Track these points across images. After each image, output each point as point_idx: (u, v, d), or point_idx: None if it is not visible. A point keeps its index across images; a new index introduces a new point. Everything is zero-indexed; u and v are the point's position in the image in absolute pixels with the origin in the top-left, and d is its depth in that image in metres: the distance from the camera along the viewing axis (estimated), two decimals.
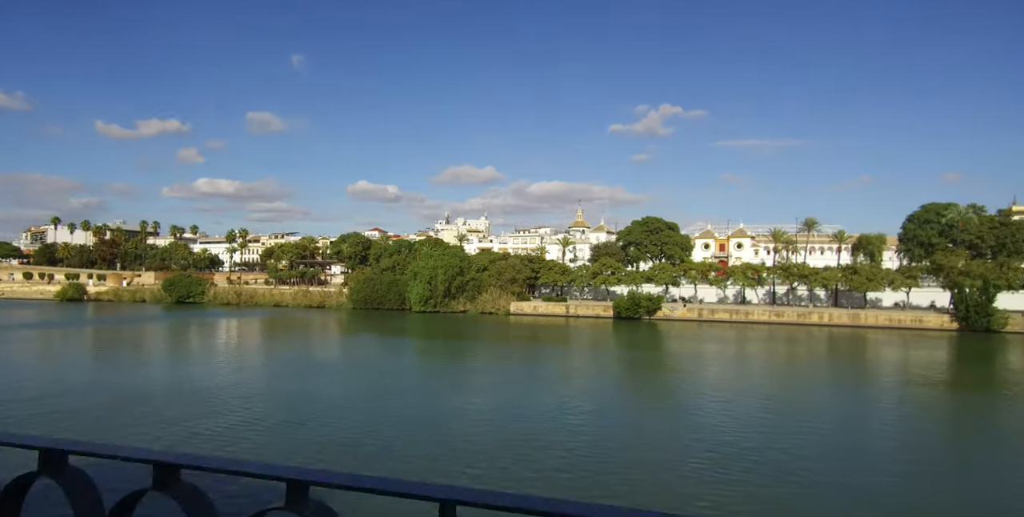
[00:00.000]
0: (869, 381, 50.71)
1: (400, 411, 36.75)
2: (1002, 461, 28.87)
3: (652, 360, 61.98)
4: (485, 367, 57.00)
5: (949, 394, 45.97)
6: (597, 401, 40.55)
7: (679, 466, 26.78)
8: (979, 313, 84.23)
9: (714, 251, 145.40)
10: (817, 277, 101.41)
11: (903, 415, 39.03)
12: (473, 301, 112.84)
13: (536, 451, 28.87)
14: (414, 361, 62.79)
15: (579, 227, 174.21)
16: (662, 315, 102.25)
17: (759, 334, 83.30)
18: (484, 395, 42.28)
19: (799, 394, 44.82)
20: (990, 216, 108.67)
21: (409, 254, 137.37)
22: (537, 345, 73.61)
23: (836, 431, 33.46)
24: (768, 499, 23.37)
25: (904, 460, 28.98)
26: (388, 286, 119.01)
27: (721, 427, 33.48)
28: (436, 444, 30.11)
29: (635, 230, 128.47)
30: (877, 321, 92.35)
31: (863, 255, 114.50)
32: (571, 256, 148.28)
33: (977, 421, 37.24)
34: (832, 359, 64.50)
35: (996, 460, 28.99)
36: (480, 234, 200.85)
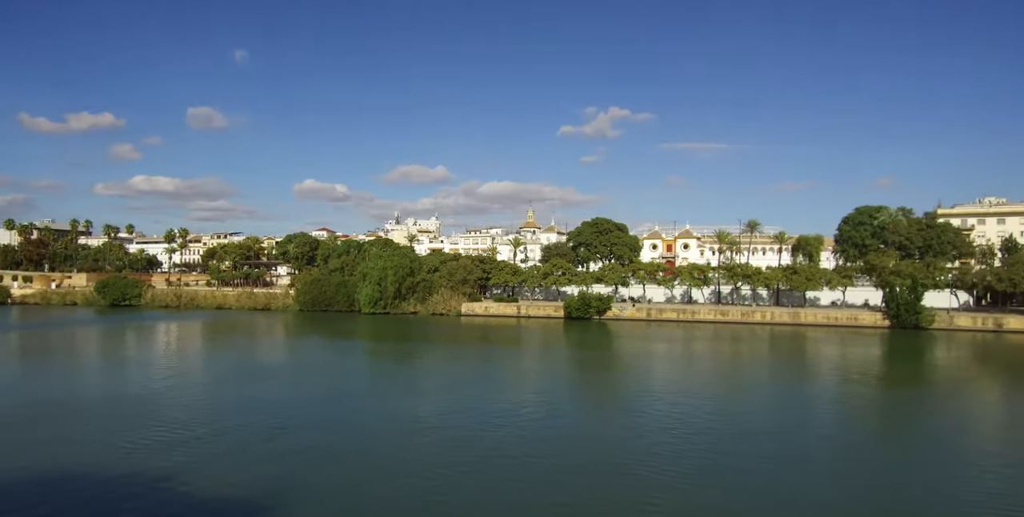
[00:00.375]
0: (809, 379, 52.57)
1: (349, 416, 35.96)
2: (930, 455, 30.30)
3: (602, 360, 62.66)
4: (436, 369, 56.46)
5: (883, 391, 48.08)
6: (548, 403, 40.67)
7: (627, 469, 27.04)
8: (908, 311, 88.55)
9: (661, 252, 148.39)
10: (760, 277, 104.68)
11: (840, 412, 40.54)
12: (424, 302, 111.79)
13: (486, 454, 28.69)
14: (363, 364, 61.68)
15: (530, 228, 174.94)
16: (612, 315, 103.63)
17: (705, 333, 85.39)
18: (435, 398, 41.85)
19: (743, 393, 46.06)
20: (918, 219, 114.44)
21: (358, 255, 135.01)
22: (488, 346, 73.43)
23: (777, 431, 34.45)
24: (711, 500, 23.85)
25: (841, 458, 30.09)
26: (337, 287, 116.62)
27: (668, 429, 34.02)
28: (385, 450, 29.56)
29: (585, 231, 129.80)
30: (816, 319, 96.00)
31: (802, 255, 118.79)
32: (522, 257, 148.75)
33: (908, 417, 39.05)
34: (774, 357, 66.61)
35: (925, 455, 30.41)
36: (431, 234, 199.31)
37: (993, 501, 23.53)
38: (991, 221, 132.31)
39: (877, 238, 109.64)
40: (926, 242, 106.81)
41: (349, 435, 32.09)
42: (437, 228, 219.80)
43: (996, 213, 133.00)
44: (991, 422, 37.58)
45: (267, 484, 24.79)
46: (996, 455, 29.93)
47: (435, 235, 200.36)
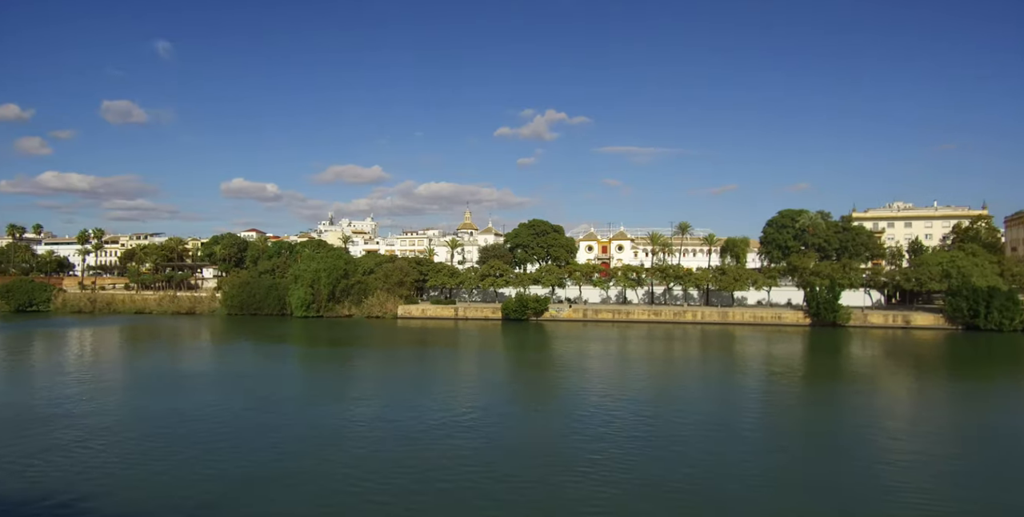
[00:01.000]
0: (737, 377, 54.54)
1: (278, 424, 34.62)
2: (848, 447, 31.89)
3: (539, 362, 62.99)
4: (371, 373, 55.29)
5: (804, 387, 50.38)
6: (485, 404, 40.47)
7: (562, 470, 27.14)
8: (827, 309, 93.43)
9: (597, 253, 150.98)
10: (691, 278, 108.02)
11: (765, 408, 42.18)
12: (359, 305, 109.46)
13: (421, 459, 28.18)
14: (295, 369, 59.68)
15: (467, 229, 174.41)
16: (549, 316, 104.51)
17: (639, 333, 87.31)
18: (369, 402, 40.89)
19: (676, 392, 47.28)
20: (835, 222, 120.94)
21: (290, 256, 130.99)
22: (425, 349, 72.54)
23: (707, 430, 35.46)
24: (646, 498, 24.25)
25: (763, 451, 31.26)
26: (267, 290, 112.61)
27: (604, 430, 34.47)
28: (316, 457, 28.57)
29: (522, 232, 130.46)
30: (743, 318, 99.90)
31: (730, 257, 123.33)
32: (460, 258, 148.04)
33: (827, 412, 41.04)
34: (705, 356, 68.78)
35: (842, 446, 31.99)
36: (366, 236, 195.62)
37: (900, 488, 24.94)
38: (899, 224, 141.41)
39: (798, 240, 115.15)
40: (842, 244, 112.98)
41: (279, 443, 30.86)
42: (372, 229, 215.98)
43: (904, 217, 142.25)
44: (901, 416, 39.93)
45: (183, 505, 23.44)
46: (905, 447, 31.80)
47: (370, 236, 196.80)
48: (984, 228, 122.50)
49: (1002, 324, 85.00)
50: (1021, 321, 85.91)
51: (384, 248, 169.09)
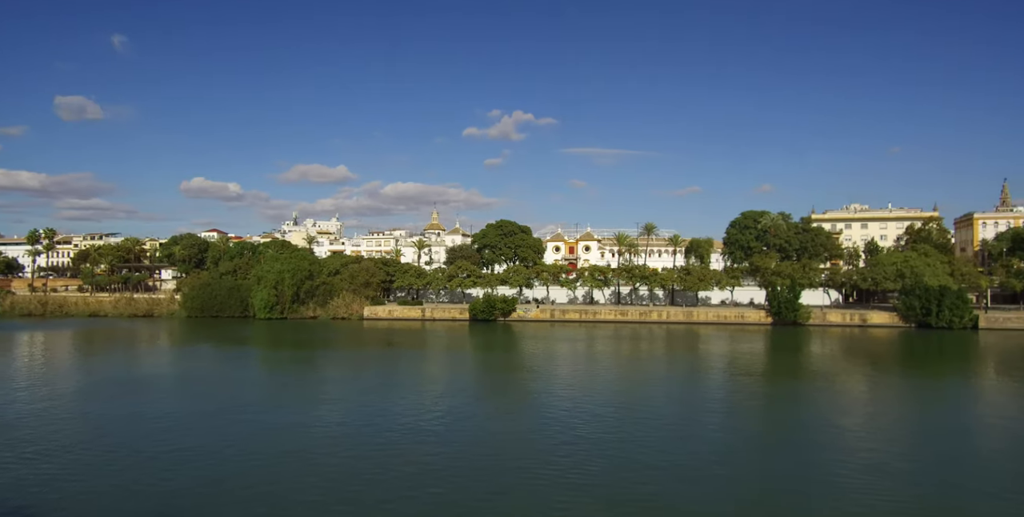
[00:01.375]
0: (701, 376, 55.41)
1: (240, 429, 33.82)
2: (807, 444, 32.64)
3: (507, 362, 62.96)
4: (336, 376, 54.48)
5: (766, 384, 51.41)
6: (453, 406, 40.23)
7: (531, 471, 27.13)
8: (788, 309, 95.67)
9: (564, 254, 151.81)
10: (656, 278, 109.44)
11: (729, 405, 42.89)
12: (324, 306, 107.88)
13: (388, 463, 27.83)
14: (258, 373, 58.44)
15: (435, 229, 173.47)
16: (517, 316, 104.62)
17: (606, 333, 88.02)
18: (334, 406, 40.26)
19: (641, 392, 47.75)
20: (795, 223, 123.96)
21: (253, 257, 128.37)
22: (392, 350, 71.86)
23: (672, 429, 35.89)
24: (612, 497, 24.41)
25: (729, 448, 31.79)
26: (229, 292, 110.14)
27: (571, 430, 34.60)
28: (278, 464, 27.96)
29: (490, 233, 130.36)
30: (707, 317, 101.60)
31: (695, 257, 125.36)
32: (427, 259, 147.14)
33: (788, 409, 41.97)
34: (670, 355, 69.69)
35: (802, 443, 32.73)
36: (331, 236, 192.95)
37: (861, 481, 25.63)
38: (856, 226, 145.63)
39: (760, 241, 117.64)
40: (802, 245, 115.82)
41: (240, 450, 30.14)
42: (338, 229, 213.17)
43: (860, 218, 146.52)
44: (858, 413, 41.04)
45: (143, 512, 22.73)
46: (863, 441, 32.70)
47: (336, 237, 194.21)
48: (935, 229, 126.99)
49: (952, 322, 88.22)
50: (970, 319, 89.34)
51: (350, 249, 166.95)
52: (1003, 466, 28.36)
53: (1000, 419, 37.96)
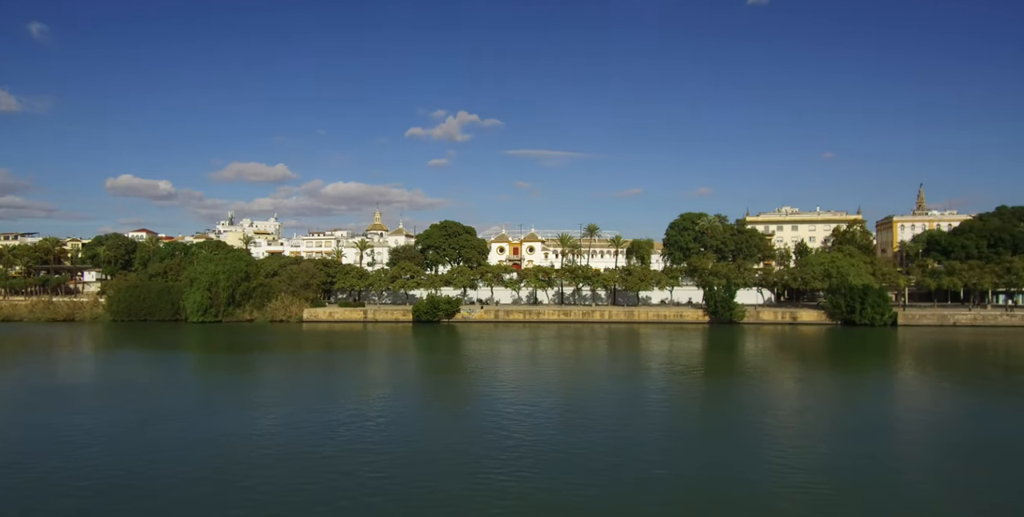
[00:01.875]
0: (642, 373, 56.56)
1: (170, 437, 32.31)
2: (742, 438, 33.78)
3: (451, 363, 62.58)
4: (273, 380, 52.83)
5: (703, 381, 52.97)
6: (394, 409, 39.67)
7: (472, 476, 27.00)
8: (724, 308, 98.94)
9: (508, 254, 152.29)
10: (599, 278, 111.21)
11: (668, 403, 43.91)
12: (261, 309, 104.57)
13: (326, 470, 27.17)
14: (190, 378, 56.04)
15: (377, 230, 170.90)
16: (461, 317, 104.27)
17: (549, 333, 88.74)
18: (271, 410, 38.98)
19: (583, 391, 48.29)
20: (731, 225, 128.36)
21: (185, 258, 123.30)
22: (333, 353, 70.29)
23: (614, 424, 36.45)
24: (555, 496, 24.58)
25: (668, 445, 32.55)
26: (158, 294, 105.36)
27: (512, 430, 34.66)
28: (211, 472, 26.88)
29: (434, 234, 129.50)
30: (648, 317, 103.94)
31: (636, 258, 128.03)
32: (369, 260, 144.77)
33: (724, 404, 43.33)
34: (612, 354, 70.81)
35: (737, 438, 33.85)
36: (269, 236, 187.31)
37: (790, 472, 26.69)
38: (787, 227, 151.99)
39: (698, 242, 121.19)
40: (737, 246, 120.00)
41: (169, 458, 28.80)
42: (276, 230, 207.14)
43: (791, 221, 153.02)
44: (788, 407, 42.76)
45: None
46: (793, 437, 34.09)
47: (274, 237, 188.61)
48: (859, 232, 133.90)
49: (874, 319, 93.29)
50: (890, 316, 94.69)
51: (289, 249, 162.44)
52: (919, 458, 30.07)
53: (917, 412, 40.32)
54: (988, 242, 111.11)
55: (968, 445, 31.46)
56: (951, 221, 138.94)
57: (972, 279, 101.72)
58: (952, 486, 25.47)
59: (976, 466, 28.05)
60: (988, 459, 29.09)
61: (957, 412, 40.00)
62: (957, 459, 29.24)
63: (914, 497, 24.22)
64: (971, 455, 29.71)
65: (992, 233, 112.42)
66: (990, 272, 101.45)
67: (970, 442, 32.01)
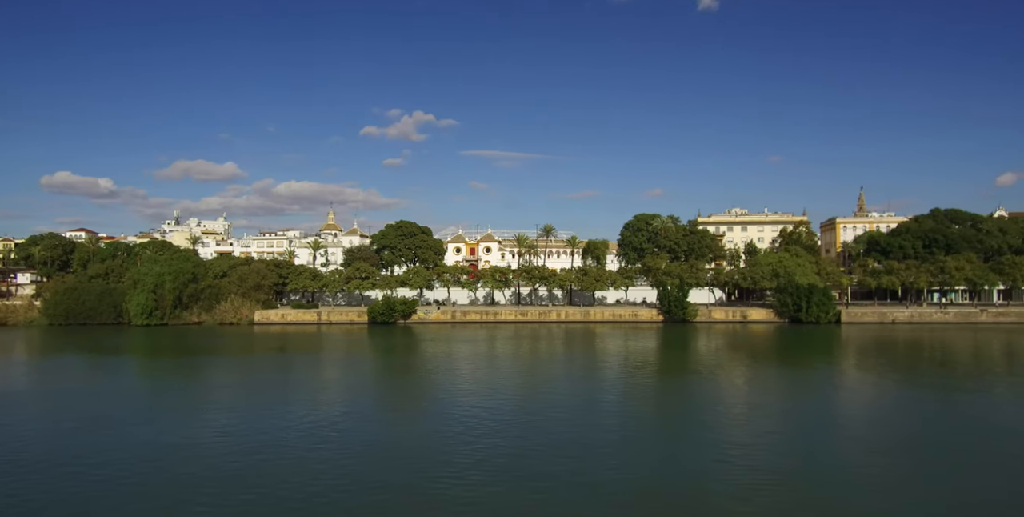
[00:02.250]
0: (598, 372, 57.17)
1: (111, 444, 30.94)
2: (691, 435, 34.52)
3: (407, 365, 61.97)
4: (222, 384, 51.19)
5: (657, 379, 53.92)
6: (347, 413, 38.94)
7: (426, 480, 26.73)
8: (677, 307, 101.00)
9: (465, 255, 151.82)
10: (555, 278, 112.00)
11: (623, 401, 44.53)
12: (210, 311, 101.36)
13: (271, 476, 26.45)
14: (133, 383, 53.83)
15: (331, 230, 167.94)
16: (417, 318, 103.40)
17: (507, 333, 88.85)
18: (220, 416, 37.72)
19: (540, 390, 48.44)
20: (683, 226, 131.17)
21: (128, 259, 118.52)
22: (285, 356, 68.69)
23: (570, 423, 36.69)
24: (513, 496, 24.60)
25: (623, 442, 32.99)
26: (99, 297, 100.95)
27: (468, 431, 34.53)
28: (154, 479, 25.85)
29: (389, 234, 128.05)
30: (603, 316, 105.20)
31: (591, 258, 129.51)
32: (323, 260, 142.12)
33: (677, 401, 44.19)
34: (568, 354, 71.35)
35: (686, 435, 34.58)
36: (218, 237, 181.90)
37: (742, 471, 27.42)
38: (737, 228, 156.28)
39: (652, 243, 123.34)
40: (690, 246, 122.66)
41: (112, 466, 27.58)
42: (226, 230, 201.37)
43: (740, 222, 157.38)
44: (739, 403, 43.93)
45: None
46: (743, 434, 35.03)
47: (223, 237, 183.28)
48: (804, 233, 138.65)
49: (819, 317, 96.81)
50: (834, 314, 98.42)
51: (239, 250, 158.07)
52: (860, 452, 31.30)
53: (861, 409, 42.00)
54: (923, 243, 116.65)
55: (908, 440, 32.97)
56: (889, 222, 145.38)
57: (909, 278, 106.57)
58: (894, 480, 26.55)
59: (915, 461, 29.37)
60: (926, 453, 30.51)
61: (898, 408, 41.80)
62: (898, 454, 30.51)
63: (860, 491, 25.16)
64: (910, 450, 31.10)
65: (927, 234, 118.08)
66: (925, 271, 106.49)
67: (909, 437, 33.53)
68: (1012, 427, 35.09)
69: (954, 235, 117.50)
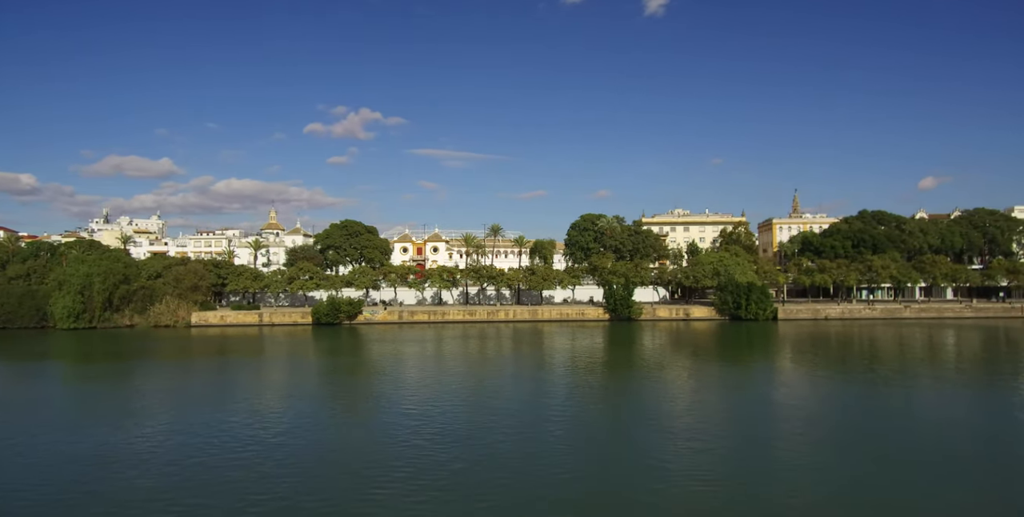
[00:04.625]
0: (545, 371, 57.53)
1: (29, 454, 29.15)
2: (636, 433, 35.21)
3: (352, 366, 60.84)
4: (154, 389, 48.93)
5: (604, 376, 54.69)
6: (288, 419, 37.71)
7: (370, 485, 26.30)
8: (623, 305, 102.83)
9: (412, 255, 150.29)
10: (503, 278, 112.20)
11: (570, 398, 44.93)
12: (143, 313, 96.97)
13: (206, 487, 25.49)
14: (57, 390, 50.81)
15: (273, 229, 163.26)
16: (363, 319, 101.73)
17: (455, 333, 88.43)
18: (153, 424, 36.02)
19: (487, 390, 48.42)
20: (628, 226, 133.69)
21: (53, 259, 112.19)
22: (224, 359, 66.35)
23: (514, 429, 36.75)
24: (462, 495, 24.50)
25: (571, 438, 33.34)
26: (20, 299, 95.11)
27: (416, 433, 34.21)
28: (76, 491, 24.52)
29: (334, 233, 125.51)
30: (551, 315, 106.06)
31: (539, 258, 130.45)
32: (264, 260, 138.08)
33: (621, 397, 44.95)
34: (516, 353, 71.55)
35: (631, 433, 35.25)
36: (152, 236, 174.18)
37: (686, 468, 28.13)
38: (680, 228, 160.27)
39: (598, 242, 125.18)
40: (635, 246, 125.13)
41: (32, 475, 25.97)
42: (160, 229, 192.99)
43: (683, 222, 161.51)
44: (682, 399, 45.06)
45: None
46: (687, 424, 35.95)
47: (157, 236, 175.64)
48: (743, 233, 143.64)
49: (757, 314, 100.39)
50: (771, 311, 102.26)
51: (174, 250, 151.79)
52: (798, 445, 32.62)
53: (797, 402, 43.72)
54: (852, 243, 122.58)
55: (841, 432, 34.56)
56: (822, 223, 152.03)
57: (840, 276, 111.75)
58: (828, 469, 27.76)
59: (848, 451, 30.81)
60: (857, 444, 32.06)
61: (829, 400, 43.73)
62: (834, 446, 31.94)
63: (795, 478, 26.21)
64: (843, 443, 32.60)
65: (855, 235, 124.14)
66: (855, 270, 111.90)
67: (843, 430, 35.16)
68: (929, 415, 37.34)
69: (880, 236, 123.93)
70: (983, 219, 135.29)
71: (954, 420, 36.28)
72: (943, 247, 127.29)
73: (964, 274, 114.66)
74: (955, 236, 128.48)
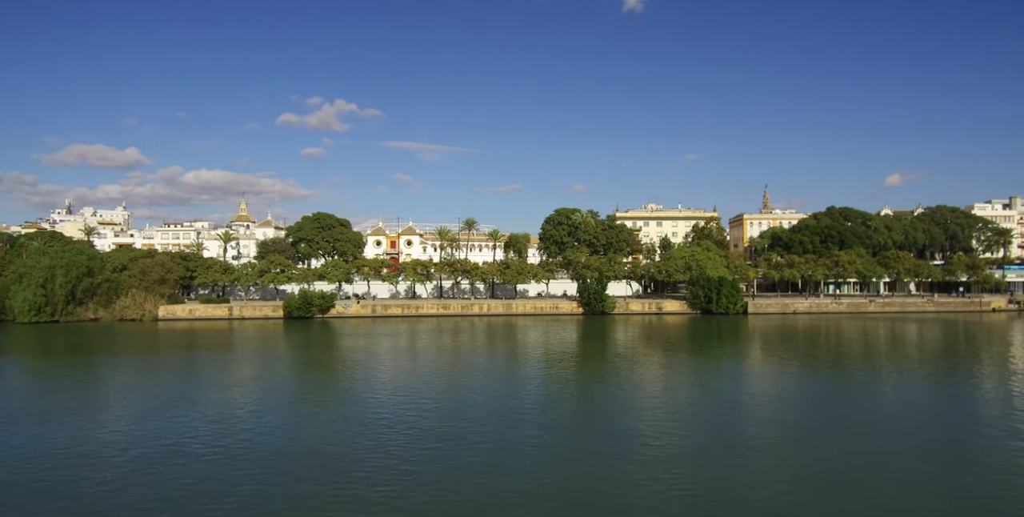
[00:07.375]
0: (519, 365, 57.72)
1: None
2: (610, 427, 35.53)
3: (324, 361, 60.27)
4: (120, 385, 47.84)
5: (577, 369, 55.03)
6: (256, 415, 37.08)
7: (343, 480, 26.14)
8: (597, 299, 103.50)
9: (386, 248, 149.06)
10: (477, 272, 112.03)
11: (544, 392, 45.14)
12: (108, 307, 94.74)
13: (171, 484, 25.03)
14: (17, 385, 49.30)
15: (243, 222, 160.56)
16: (336, 313, 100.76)
17: (429, 327, 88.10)
18: (117, 420, 35.23)
19: (461, 383, 48.42)
20: (602, 220, 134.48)
21: (12, 250, 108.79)
22: (192, 353, 65.14)
23: (487, 424, 36.77)
24: (434, 492, 24.46)
25: (545, 432, 33.51)
26: None
27: (388, 428, 34.07)
28: (38, 489, 23.90)
29: (306, 226, 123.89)
30: (525, 309, 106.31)
31: (513, 252, 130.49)
32: (234, 253, 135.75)
33: (595, 390, 45.30)
34: (490, 346, 71.60)
35: (605, 427, 35.57)
36: (117, 227, 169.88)
37: (659, 462, 28.48)
38: (653, 223, 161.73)
39: (572, 236, 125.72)
40: (608, 240, 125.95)
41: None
42: (125, 220, 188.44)
43: (656, 217, 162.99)
44: (654, 392, 45.57)
45: None
46: (659, 424, 36.39)
47: (123, 228, 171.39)
48: (715, 228, 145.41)
49: (728, 308, 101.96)
50: (742, 305, 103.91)
51: (141, 241, 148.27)
52: (766, 437, 33.25)
53: (765, 395, 44.53)
54: (820, 238, 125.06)
55: (808, 423, 35.32)
56: (791, 219, 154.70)
57: (808, 271, 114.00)
58: (795, 462, 28.37)
59: (816, 442, 31.52)
60: (825, 435, 32.81)
61: (797, 391, 44.64)
62: (801, 438, 32.63)
63: (763, 466, 26.74)
64: (810, 434, 33.33)
65: (823, 230, 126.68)
66: (822, 265, 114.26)
67: (810, 421, 35.93)
68: (891, 407, 38.41)
69: (847, 231, 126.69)
70: (945, 216, 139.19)
71: (915, 411, 37.36)
72: (907, 243, 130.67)
73: (926, 270, 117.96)
74: (918, 232, 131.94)
